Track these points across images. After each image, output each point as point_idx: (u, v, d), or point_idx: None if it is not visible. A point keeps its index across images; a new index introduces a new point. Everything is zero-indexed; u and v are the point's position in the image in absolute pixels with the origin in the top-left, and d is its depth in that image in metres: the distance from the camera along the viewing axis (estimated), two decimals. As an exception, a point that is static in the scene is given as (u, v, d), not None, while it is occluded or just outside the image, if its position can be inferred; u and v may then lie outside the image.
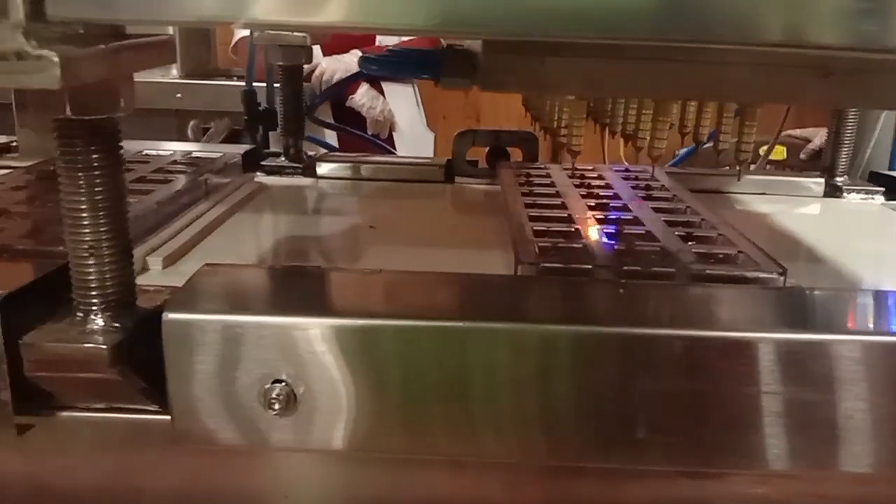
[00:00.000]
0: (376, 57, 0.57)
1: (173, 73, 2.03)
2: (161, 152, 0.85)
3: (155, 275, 0.57)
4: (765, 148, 1.20)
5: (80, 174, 0.41)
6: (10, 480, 0.50)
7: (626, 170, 0.80)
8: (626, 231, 0.60)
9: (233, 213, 0.71)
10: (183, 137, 1.94)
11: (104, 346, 0.41)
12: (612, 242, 0.56)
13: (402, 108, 2.20)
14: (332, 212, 0.80)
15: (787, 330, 0.42)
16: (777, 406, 0.42)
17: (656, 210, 0.65)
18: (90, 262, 0.42)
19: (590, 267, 0.52)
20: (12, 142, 0.91)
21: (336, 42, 1.98)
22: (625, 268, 0.52)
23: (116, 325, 0.43)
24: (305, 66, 0.90)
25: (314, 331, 0.43)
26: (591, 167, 0.81)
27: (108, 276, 0.42)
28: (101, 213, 0.41)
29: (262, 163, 0.90)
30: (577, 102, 0.49)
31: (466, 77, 0.46)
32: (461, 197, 0.88)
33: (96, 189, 0.41)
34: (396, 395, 0.44)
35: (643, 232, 0.60)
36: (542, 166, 0.82)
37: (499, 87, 0.42)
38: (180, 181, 0.71)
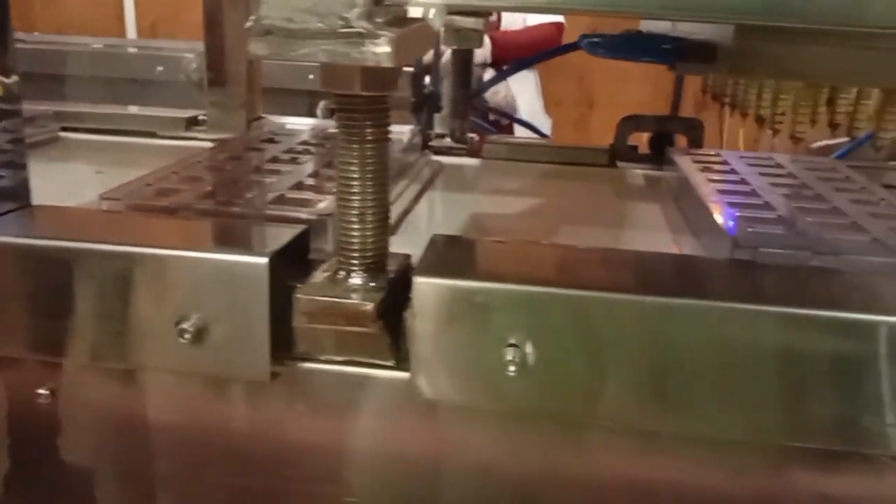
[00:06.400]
0: (603, 40, 0.59)
1: (306, 55, 2.11)
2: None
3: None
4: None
5: (355, 146, 0.44)
6: (248, 427, 0.55)
7: None
8: None
9: (425, 189, 0.75)
10: (312, 117, 2.02)
11: (370, 303, 0.45)
12: None
13: (523, 93, 2.22)
14: (504, 192, 0.83)
15: None
16: None
17: None
18: (356, 225, 0.46)
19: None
20: (199, 115, 0.98)
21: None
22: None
23: (373, 284, 0.47)
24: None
25: (552, 300, 0.46)
26: None
27: (369, 239, 0.46)
28: (369, 183, 0.45)
29: (430, 143, 0.94)
30: (806, 90, 0.50)
31: (705, 63, 0.48)
32: (623, 181, 0.90)
33: (367, 160, 0.45)
34: (629, 369, 0.46)
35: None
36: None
37: (747, 74, 0.44)
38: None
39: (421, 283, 0.46)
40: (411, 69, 1.02)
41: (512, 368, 0.46)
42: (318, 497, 0.55)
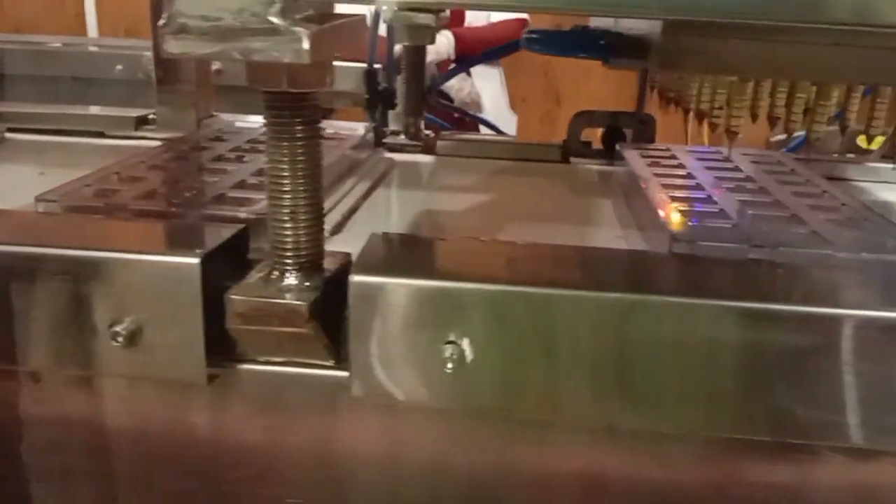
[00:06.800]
0: (540, 35, 0.59)
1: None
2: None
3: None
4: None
5: (284, 143, 0.44)
6: (189, 430, 0.54)
7: None
8: None
9: (375, 187, 0.74)
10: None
11: (303, 303, 0.44)
12: None
13: (488, 89, 2.22)
14: (456, 188, 0.83)
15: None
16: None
17: None
18: (288, 224, 0.45)
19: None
20: (150, 114, 0.97)
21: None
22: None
23: (308, 283, 0.46)
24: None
25: (489, 296, 0.46)
26: None
27: (302, 238, 0.46)
28: (300, 181, 0.45)
29: (384, 140, 0.94)
30: (739, 84, 0.50)
31: (637, 59, 0.48)
32: (575, 177, 0.90)
33: (298, 158, 0.44)
34: (566, 364, 0.46)
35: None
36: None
37: (678, 68, 0.44)
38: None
39: (357, 281, 0.46)
40: (364, 65, 1.01)
41: (450, 366, 0.46)
42: (261, 498, 0.54)
